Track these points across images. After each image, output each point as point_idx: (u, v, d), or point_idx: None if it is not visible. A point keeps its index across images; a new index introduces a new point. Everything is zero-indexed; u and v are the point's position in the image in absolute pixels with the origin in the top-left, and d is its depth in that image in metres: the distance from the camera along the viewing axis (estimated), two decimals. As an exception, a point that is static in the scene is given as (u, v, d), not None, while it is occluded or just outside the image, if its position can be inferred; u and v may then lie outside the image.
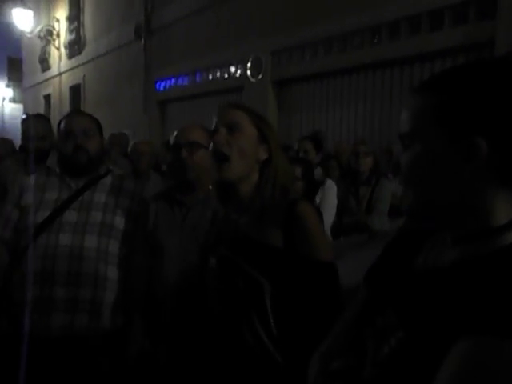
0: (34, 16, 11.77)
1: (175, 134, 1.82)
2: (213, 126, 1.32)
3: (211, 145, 1.30)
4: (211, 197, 1.75)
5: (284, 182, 1.30)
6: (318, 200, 3.13)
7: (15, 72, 16.25)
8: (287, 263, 1.20)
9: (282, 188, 1.30)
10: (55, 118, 6.96)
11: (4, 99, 17.89)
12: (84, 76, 10.75)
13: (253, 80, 6.42)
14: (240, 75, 6.76)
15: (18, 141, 3.56)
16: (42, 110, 12.23)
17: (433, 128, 0.72)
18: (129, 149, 3.77)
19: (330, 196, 3.20)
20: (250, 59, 6.45)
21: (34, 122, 2.85)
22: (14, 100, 17.71)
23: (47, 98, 12.97)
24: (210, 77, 7.38)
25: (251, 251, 1.25)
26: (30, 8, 11.80)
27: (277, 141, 1.35)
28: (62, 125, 1.94)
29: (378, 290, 0.85)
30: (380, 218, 3.25)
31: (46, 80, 12.78)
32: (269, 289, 1.20)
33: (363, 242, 3.03)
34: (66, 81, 11.73)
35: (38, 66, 12.97)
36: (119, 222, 1.92)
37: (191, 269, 1.68)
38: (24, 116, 3.18)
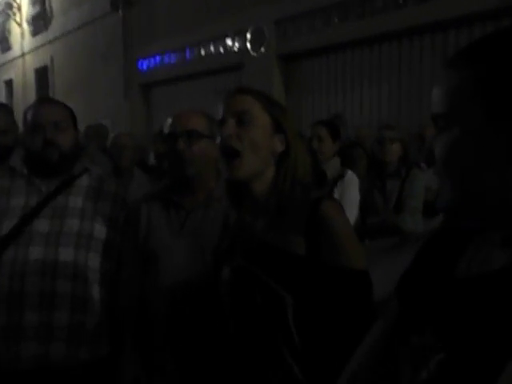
0: (-10, -14, 11.84)
1: (170, 121, 1.82)
2: (219, 116, 1.35)
3: (218, 139, 1.34)
4: (215, 197, 1.78)
5: (305, 177, 1.34)
6: (336, 196, 3.13)
7: (-31, 54, 16.35)
8: (311, 273, 1.23)
9: (303, 184, 1.33)
10: (19, 108, 6.99)
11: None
12: (51, 57, 10.80)
13: (254, 55, 6.43)
14: (238, 50, 6.76)
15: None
16: (2, 99, 12.29)
17: (474, 106, 0.71)
18: (108, 143, 3.79)
19: (351, 191, 3.18)
20: (250, 30, 6.46)
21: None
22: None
23: (8, 83, 13.04)
24: (203, 53, 7.39)
25: (270, 260, 1.28)
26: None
27: (294, 129, 1.38)
28: (28, 116, 1.93)
29: (413, 303, 0.85)
30: (412, 216, 3.24)
31: (7, 62, 12.85)
32: (291, 303, 1.23)
33: (392, 246, 3.02)
34: (31, 63, 11.79)
35: (-3, 46, 13.05)
36: (99, 230, 1.93)
37: (197, 281, 1.70)
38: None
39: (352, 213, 3.14)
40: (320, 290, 1.22)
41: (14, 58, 12.47)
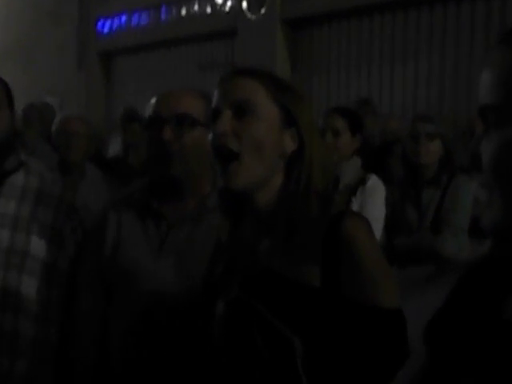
0: None
1: (154, 101, 1.81)
2: (212, 106, 1.36)
3: (210, 136, 1.35)
4: (209, 207, 1.75)
5: (323, 185, 1.34)
6: (354, 207, 3.13)
7: None
8: (328, 311, 1.24)
9: (321, 195, 1.33)
10: None
11: None
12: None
13: (251, 18, 6.45)
14: (231, 10, 6.78)
15: None
16: None
17: None
18: (53, 128, 3.78)
19: (374, 202, 3.19)
20: (247, -15, 6.49)
21: None
22: None
23: None
24: (183, 13, 7.41)
25: (275, 293, 1.29)
26: None
27: (311, 121, 1.39)
28: None
29: (447, 352, 0.86)
30: (455, 237, 3.25)
31: None
32: (300, 348, 1.23)
33: (427, 276, 3.03)
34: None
35: None
36: (37, 246, 1.93)
37: (181, 316, 1.70)
38: None
39: (376, 232, 3.15)
40: (338, 333, 1.22)
41: None
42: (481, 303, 0.85)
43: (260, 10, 6.38)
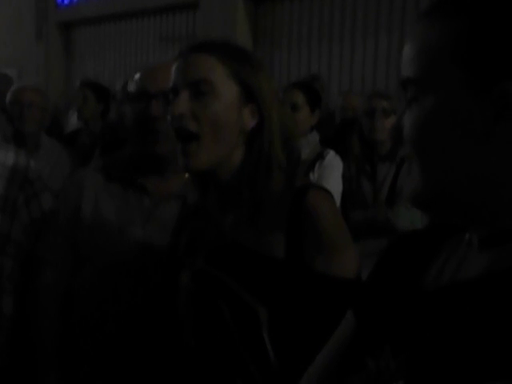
0: None
1: (139, 76, 1.78)
2: (170, 85, 1.35)
3: (169, 116, 1.33)
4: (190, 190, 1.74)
5: (285, 159, 1.34)
6: (312, 180, 3.16)
7: None
8: (292, 281, 1.26)
9: (283, 169, 1.34)
10: None
11: None
12: None
13: (213, -9, 6.40)
14: (192, -18, 6.71)
15: None
16: None
17: (453, 69, 0.73)
18: (7, 98, 3.72)
19: (332, 176, 3.23)
20: (209, -44, 6.42)
21: None
22: None
23: None
24: (145, -16, 7.30)
25: (241, 264, 1.31)
26: None
27: (272, 93, 1.37)
28: None
29: (370, 320, 0.88)
30: (409, 211, 3.28)
31: None
32: (266, 317, 1.26)
33: (382, 247, 3.07)
34: None
35: None
36: None
37: (145, 285, 1.70)
38: None
39: (333, 204, 3.18)
40: (302, 302, 1.25)
41: None
42: (404, 272, 0.88)
43: (222, -17, 6.34)
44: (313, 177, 3.19)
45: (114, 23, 7.97)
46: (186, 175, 1.75)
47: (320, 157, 3.28)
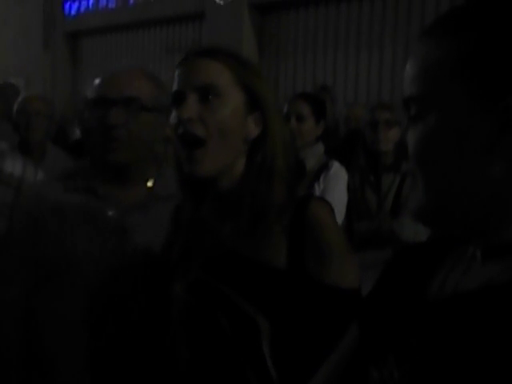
0: None
1: (99, 82, 1.73)
2: (174, 89, 1.33)
3: (174, 120, 1.32)
4: (158, 195, 1.72)
5: (286, 170, 1.34)
6: (317, 193, 3.16)
7: None
8: (294, 291, 1.26)
9: (284, 180, 1.34)
10: None
11: None
12: None
13: (220, 2, 6.42)
14: (199, -7, 6.74)
15: None
16: None
17: (455, 87, 0.75)
18: (14, 107, 3.73)
19: (337, 187, 3.22)
20: (215, -31, 6.45)
21: None
22: None
23: None
24: (152, -5, 7.34)
25: (240, 274, 1.30)
26: None
27: (273, 105, 1.38)
28: None
29: (374, 330, 0.90)
30: (413, 221, 3.28)
31: None
32: (267, 328, 1.26)
33: (387, 258, 3.07)
34: None
35: None
36: None
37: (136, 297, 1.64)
38: None
39: (337, 215, 3.18)
40: (304, 312, 1.25)
41: None
42: (408, 284, 0.89)
43: (228, -5, 6.37)
44: (318, 188, 3.19)
45: (120, 33, 8.00)
46: (149, 184, 1.73)
47: (325, 168, 3.27)
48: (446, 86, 0.76)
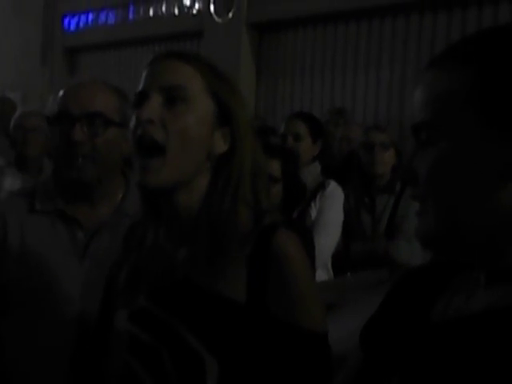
0: None
1: (62, 95, 1.67)
2: (139, 89, 1.22)
3: (132, 121, 1.20)
4: (124, 214, 1.64)
5: (254, 194, 1.24)
6: (313, 212, 3.17)
7: None
8: (250, 328, 1.15)
9: (250, 204, 1.23)
10: None
11: None
12: None
13: (218, 21, 6.46)
14: (198, 13, 6.78)
15: None
16: None
17: (467, 115, 0.76)
18: (11, 123, 3.75)
19: (333, 207, 3.23)
20: (215, -12, 6.50)
21: None
22: None
23: None
24: (151, 13, 7.38)
25: (192, 306, 1.20)
26: None
27: (247, 120, 1.28)
28: None
29: (378, 352, 0.90)
30: (409, 244, 3.26)
31: None
32: (215, 369, 1.14)
33: (382, 280, 3.07)
34: None
35: None
36: None
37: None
38: None
39: (333, 235, 3.17)
40: (260, 353, 1.14)
41: None
42: (412, 307, 0.91)
43: (228, 14, 6.40)
44: (314, 207, 3.19)
45: (118, 50, 8.03)
46: (119, 199, 1.65)
47: (321, 187, 3.28)
48: (458, 114, 0.78)
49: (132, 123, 1.20)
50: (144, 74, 1.22)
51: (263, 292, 1.16)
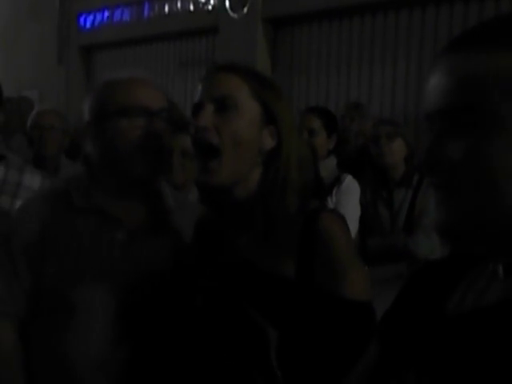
0: None
1: (118, 92, 1.63)
2: (196, 100, 1.39)
3: (192, 129, 1.38)
4: (167, 211, 1.66)
5: (301, 183, 1.38)
6: (330, 205, 3.16)
7: None
8: (302, 302, 1.28)
9: (298, 192, 1.37)
10: None
11: None
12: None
13: (233, 16, 6.46)
14: (213, 9, 6.78)
15: None
16: None
17: (502, 99, 0.74)
18: (28, 122, 3.76)
19: (350, 200, 3.24)
20: (229, -17, 6.49)
21: None
22: None
23: None
24: (166, 10, 7.38)
25: (252, 284, 1.34)
26: None
27: (290, 119, 1.44)
28: None
29: (395, 344, 0.91)
30: (429, 238, 3.23)
31: None
32: (274, 337, 1.28)
33: (400, 275, 3.05)
34: None
35: None
36: None
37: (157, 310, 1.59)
38: None
39: (351, 229, 3.16)
40: (310, 324, 1.27)
41: None
42: (427, 300, 0.90)
43: (242, 10, 6.39)
44: (331, 201, 3.20)
45: (134, 47, 8.05)
46: (163, 200, 1.66)
47: (337, 181, 3.29)
48: (499, 98, 0.75)
49: (191, 130, 1.38)
50: (199, 87, 1.40)
51: (311, 268, 1.29)
